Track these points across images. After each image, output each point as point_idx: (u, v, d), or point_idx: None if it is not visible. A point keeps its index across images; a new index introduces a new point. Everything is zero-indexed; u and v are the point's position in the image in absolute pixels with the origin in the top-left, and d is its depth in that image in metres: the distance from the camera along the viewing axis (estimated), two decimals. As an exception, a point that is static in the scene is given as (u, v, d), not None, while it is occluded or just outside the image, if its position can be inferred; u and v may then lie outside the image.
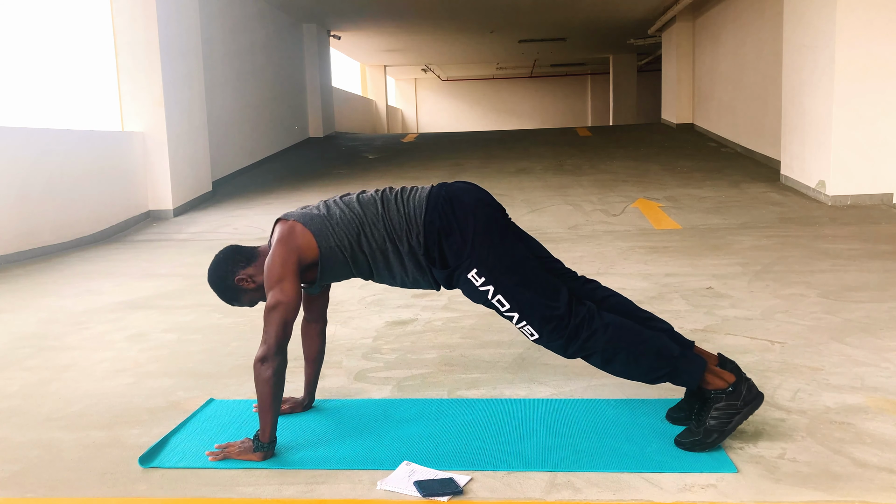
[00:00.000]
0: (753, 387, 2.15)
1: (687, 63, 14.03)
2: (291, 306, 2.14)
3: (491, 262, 2.17)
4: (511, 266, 2.19)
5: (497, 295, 2.18)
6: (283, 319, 2.12)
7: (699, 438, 2.10)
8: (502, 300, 2.18)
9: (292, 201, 8.62)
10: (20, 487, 2.07)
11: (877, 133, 7.07)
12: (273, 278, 2.16)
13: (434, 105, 29.91)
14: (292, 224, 2.24)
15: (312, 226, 2.24)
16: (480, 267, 2.17)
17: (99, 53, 7.86)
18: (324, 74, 14.82)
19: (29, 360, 3.33)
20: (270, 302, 2.14)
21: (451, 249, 2.20)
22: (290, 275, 2.17)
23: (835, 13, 6.92)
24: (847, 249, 5.31)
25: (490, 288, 2.18)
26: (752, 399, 2.12)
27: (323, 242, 2.23)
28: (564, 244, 6.01)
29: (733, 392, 2.12)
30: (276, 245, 2.20)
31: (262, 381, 2.11)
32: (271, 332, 2.12)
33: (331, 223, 2.25)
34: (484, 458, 2.11)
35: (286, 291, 2.14)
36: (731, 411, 2.10)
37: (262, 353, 2.12)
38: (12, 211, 6.09)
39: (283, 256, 2.18)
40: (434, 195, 2.25)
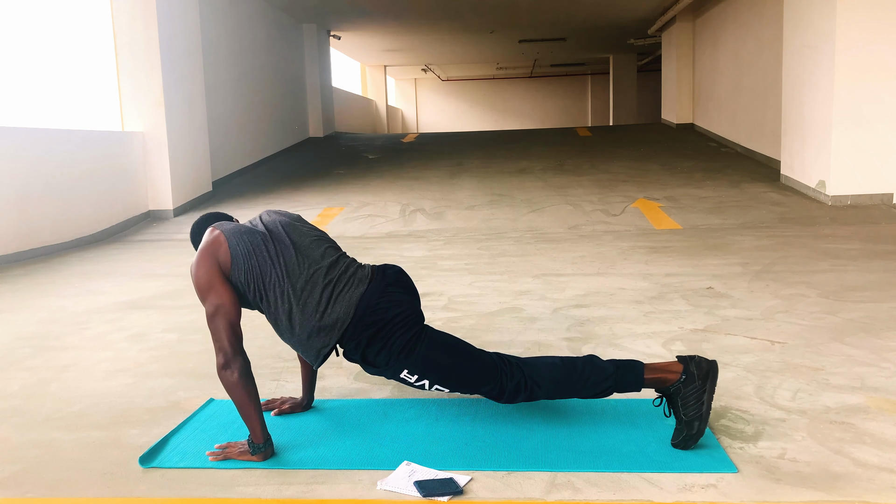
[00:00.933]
0: (701, 360, 2.20)
1: (687, 63, 14.03)
2: (230, 307, 2.16)
3: (420, 362, 2.22)
4: (441, 360, 2.24)
5: (435, 385, 2.26)
6: (227, 322, 2.14)
7: (686, 433, 2.14)
8: (441, 388, 2.27)
9: (292, 201, 8.63)
10: (20, 487, 2.07)
11: (877, 133, 7.07)
12: (203, 288, 2.19)
13: (434, 105, 29.90)
14: (219, 236, 2.25)
15: (234, 248, 2.22)
16: (412, 367, 2.23)
17: (99, 53, 7.86)
18: (324, 74, 14.82)
19: (29, 360, 3.33)
20: (209, 310, 2.16)
21: (379, 355, 2.22)
22: (217, 280, 2.19)
23: (835, 13, 6.92)
24: (847, 249, 5.31)
25: (425, 382, 2.25)
26: (706, 372, 2.17)
27: (234, 269, 2.22)
28: (564, 244, 6.01)
29: (686, 377, 2.16)
30: (198, 254, 2.24)
31: (232, 387, 2.12)
32: (222, 338, 2.13)
33: (254, 254, 2.22)
34: (484, 458, 2.11)
35: (220, 294, 2.17)
36: (696, 394, 2.14)
37: (222, 360, 2.12)
38: (12, 211, 6.09)
39: (205, 267, 2.20)
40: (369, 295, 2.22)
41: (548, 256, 5.51)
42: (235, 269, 2.21)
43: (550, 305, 3.97)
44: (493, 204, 8.07)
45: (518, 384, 2.23)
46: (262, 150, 11.75)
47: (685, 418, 2.13)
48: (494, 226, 7.09)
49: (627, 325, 3.53)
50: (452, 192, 8.80)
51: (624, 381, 2.23)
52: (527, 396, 2.25)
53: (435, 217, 7.58)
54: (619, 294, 4.20)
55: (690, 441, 2.12)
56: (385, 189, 9.24)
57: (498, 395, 2.26)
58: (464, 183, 9.43)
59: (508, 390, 2.24)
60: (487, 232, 6.83)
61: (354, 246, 6.14)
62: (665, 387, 2.20)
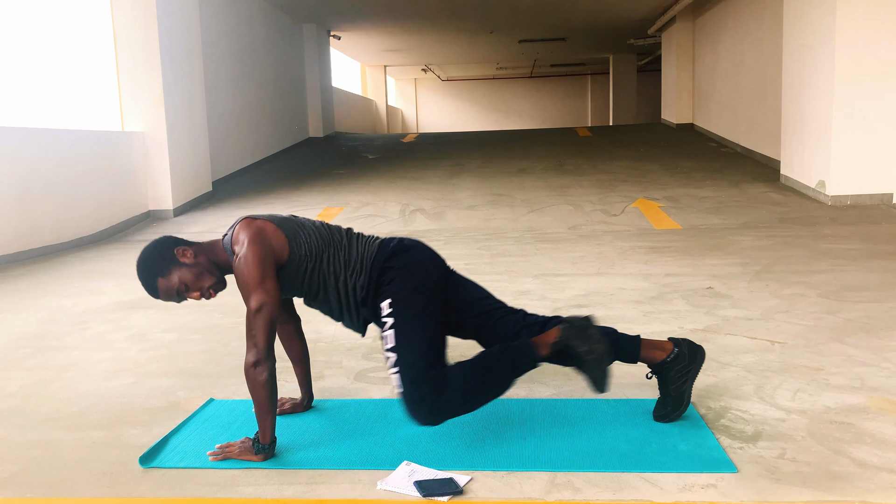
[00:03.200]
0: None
1: (687, 63, 14.03)
2: (276, 305, 2.13)
3: (403, 301, 2.22)
4: (417, 315, 2.21)
5: (390, 330, 2.20)
6: (269, 320, 2.11)
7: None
8: (390, 336, 2.19)
9: (292, 201, 8.63)
10: (20, 487, 2.07)
11: (877, 133, 7.07)
12: (254, 279, 2.11)
13: (434, 105, 29.90)
14: (263, 223, 2.22)
15: (285, 228, 2.23)
16: (393, 299, 2.22)
17: (99, 53, 7.86)
18: (324, 74, 14.81)
19: (29, 360, 3.33)
20: (254, 304, 2.10)
21: (383, 285, 2.25)
22: (270, 273, 2.14)
23: (835, 13, 6.92)
24: (847, 249, 5.31)
25: (389, 320, 2.21)
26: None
27: (294, 247, 2.22)
28: (564, 244, 6.01)
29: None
30: (249, 244, 2.14)
31: (259, 385, 2.09)
32: (260, 335, 2.09)
33: (303, 231, 2.26)
34: (484, 458, 2.11)
35: (269, 291, 2.12)
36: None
37: (254, 357, 2.09)
38: (12, 211, 6.09)
39: (260, 255, 2.13)
40: (386, 242, 2.34)
41: (548, 256, 5.51)
42: (294, 245, 2.21)
43: (550, 305, 3.97)
44: (492, 204, 8.07)
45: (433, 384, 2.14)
46: (262, 150, 11.75)
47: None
48: (494, 226, 7.09)
49: (627, 326, 3.52)
50: (452, 192, 8.80)
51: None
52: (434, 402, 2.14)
53: (435, 217, 7.58)
54: (618, 294, 4.20)
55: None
56: (385, 189, 9.24)
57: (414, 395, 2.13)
58: (464, 183, 9.43)
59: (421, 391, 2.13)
60: (487, 232, 6.83)
61: (354, 246, 6.13)
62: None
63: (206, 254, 2.24)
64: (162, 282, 2.18)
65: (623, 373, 2.79)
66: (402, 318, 2.20)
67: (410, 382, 2.14)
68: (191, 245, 2.25)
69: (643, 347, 2.31)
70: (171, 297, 2.22)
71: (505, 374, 2.24)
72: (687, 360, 2.27)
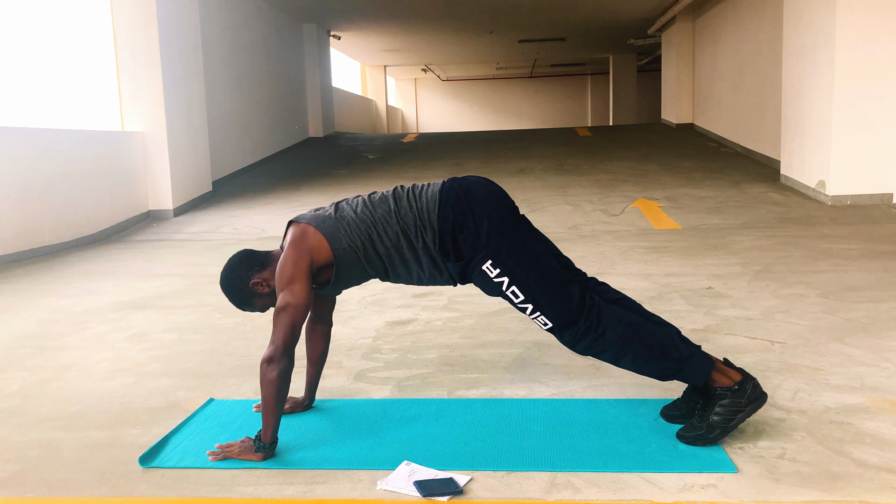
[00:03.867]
0: (758, 386, 2.17)
1: (687, 63, 14.03)
2: (301, 309, 2.14)
3: (505, 254, 2.19)
4: (525, 258, 2.20)
5: (511, 286, 2.19)
6: (291, 322, 2.12)
7: (702, 433, 2.12)
8: (517, 291, 2.19)
9: (292, 201, 8.63)
10: (20, 487, 2.07)
11: (876, 133, 7.07)
12: (284, 280, 2.16)
13: (434, 105, 29.90)
14: (304, 226, 2.24)
15: (324, 228, 2.24)
16: (495, 258, 2.18)
17: (99, 53, 7.86)
18: (324, 74, 14.81)
19: (29, 360, 3.33)
20: (280, 304, 2.13)
21: (466, 242, 2.20)
22: (301, 277, 2.16)
23: (835, 13, 6.92)
24: (847, 249, 5.30)
25: (505, 279, 2.19)
26: (756, 398, 2.14)
27: (335, 244, 2.23)
28: (564, 244, 5.98)
29: (738, 390, 2.14)
30: (288, 247, 2.21)
31: (267, 382, 2.11)
32: (279, 334, 2.12)
33: (343, 224, 2.25)
34: (484, 458, 2.11)
35: (296, 294, 2.14)
36: (734, 408, 2.12)
37: (269, 354, 2.11)
38: (12, 211, 6.08)
39: (294, 258, 2.17)
40: (447, 189, 2.26)
41: (548, 256, 5.50)
42: (335, 242, 2.22)
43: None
44: (493, 204, 8.05)
45: (590, 323, 2.17)
46: (262, 150, 11.75)
47: (710, 421, 2.12)
48: (494, 226, 7.07)
49: (627, 325, 3.52)
50: (452, 192, 8.79)
51: (689, 371, 2.18)
52: (593, 341, 2.18)
53: (435, 217, 7.57)
54: (619, 294, 4.19)
55: (699, 441, 2.12)
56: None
57: (568, 322, 2.18)
58: (464, 183, 9.41)
59: (580, 325, 2.17)
60: (487, 232, 6.82)
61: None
62: (713, 386, 2.17)
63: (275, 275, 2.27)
64: (250, 308, 2.35)
65: (623, 372, 2.80)
66: (516, 271, 2.18)
67: (561, 317, 2.18)
68: (264, 267, 2.28)
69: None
70: (261, 311, 2.38)
71: (662, 367, 2.19)
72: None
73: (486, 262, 2.19)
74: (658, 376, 2.24)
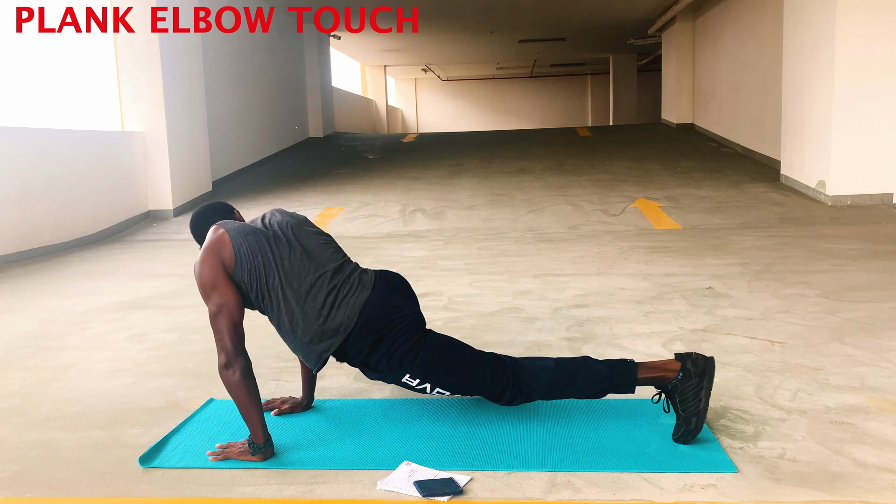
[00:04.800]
0: (698, 357, 2.23)
1: (687, 63, 14.03)
2: (233, 306, 2.16)
3: (420, 366, 2.25)
4: (441, 363, 2.28)
5: (436, 388, 2.29)
6: (230, 322, 2.14)
7: (685, 428, 2.17)
8: (441, 390, 2.31)
9: (292, 201, 8.63)
10: (20, 487, 2.07)
11: (877, 133, 7.07)
12: (207, 285, 2.18)
13: (434, 105, 29.90)
14: (223, 235, 2.23)
15: (239, 247, 2.21)
16: (413, 371, 2.26)
17: (99, 53, 7.86)
18: (324, 74, 14.81)
19: (29, 360, 3.33)
20: (212, 309, 2.16)
21: (380, 361, 2.25)
22: (221, 278, 2.18)
23: (835, 14, 6.92)
24: (847, 249, 5.30)
25: (427, 385, 2.29)
26: (704, 369, 2.20)
27: (238, 268, 2.20)
28: (564, 244, 6.01)
29: (683, 375, 2.21)
30: (202, 252, 2.22)
31: (233, 387, 2.12)
32: (224, 337, 2.13)
33: (258, 253, 2.22)
34: (484, 458, 2.11)
35: (223, 294, 2.16)
36: (693, 391, 2.18)
37: (224, 359, 2.12)
38: (12, 211, 6.09)
39: (209, 265, 2.19)
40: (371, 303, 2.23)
41: (548, 256, 5.51)
42: (239, 269, 2.21)
43: (550, 305, 3.97)
44: (492, 204, 8.07)
45: (515, 389, 2.29)
46: (262, 150, 11.75)
47: (683, 414, 2.18)
48: (494, 226, 7.09)
49: (627, 326, 3.53)
50: (452, 192, 8.80)
51: (617, 382, 2.29)
52: (523, 399, 2.32)
53: (435, 217, 7.58)
54: (619, 294, 4.20)
55: (689, 436, 2.16)
56: (385, 189, 9.24)
57: (497, 397, 2.32)
58: (464, 183, 9.43)
59: (506, 394, 2.30)
60: (487, 232, 6.83)
61: (355, 246, 6.14)
62: (663, 384, 2.24)
63: None
64: None
65: (623, 373, 2.80)
66: (435, 376, 2.27)
67: (491, 392, 2.31)
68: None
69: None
70: None
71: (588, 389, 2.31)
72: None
73: (405, 376, 2.27)
74: (594, 397, 2.33)
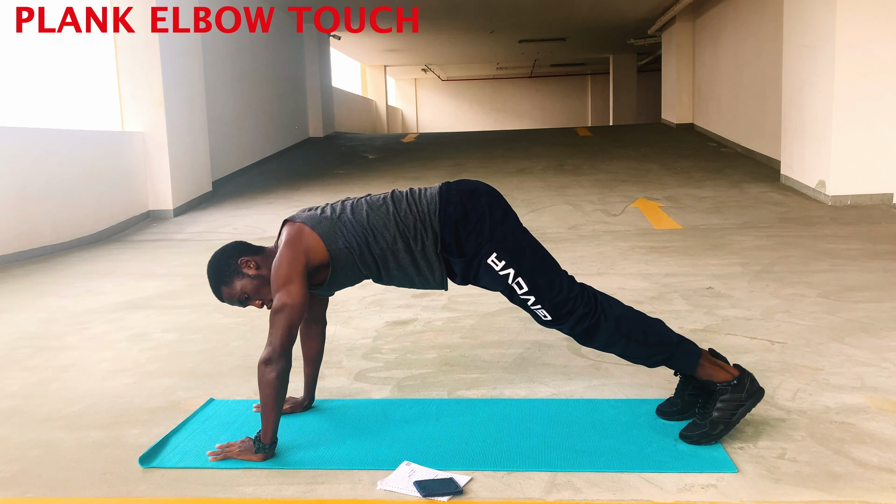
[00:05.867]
0: (755, 380, 2.21)
1: (687, 63, 14.03)
2: (297, 309, 2.14)
3: (509, 247, 2.25)
4: (527, 251, 2.28)
5: (518, 278, 2.24)
6: (288, 322, 2.12)
7: (706, 430, 2.14)
8: (521, 283, 2.25)
9: (292, 201, 8.63)
10: (20, 487, 2.07)
11: (877, 133, 7.07)
12: (280, 280, 2.15)
13: (434, 105, 29.90)
14: (300, 226, 2.24)
15: (320, 228, 2.24)
16: (500, 251, 2.24)
17: (99, 53, 7.86)
18: (324, 74, 14.81)
19: (29, 360, 3.33)
20: (277, 304, 2.14)
21: (469, 239, 2.24)
22: (297, 277, 2.16)
23: (835, 13, 6.92)
24: (847, 249, 5.30)
25: (510, 271, 2.24)
26: (754, 391, 2.18)
27: (331, 245, 2.23)
28: (564, 244, 6.01)
29: (738, 384, 2.18)
30: (283, 247, 2.20)
31: (265, 383, 2.11)
32: (276, 335, 2.12)
33: (339, 225, 2.25)
34: (484, 458, 2.11)
35: (293, 294, 2.14)
36: (736, 403, 2.15)
37: (267, 354, 2.12)
38: (12, 211, 6.09)
39: (290, 258, 2.17)
40: (445, 190, 2.30)
41: (548, 256, 5.50)
42: (331, 243, 2.22)
43: (550, 305, 3.97)
44: (493, 204, 8.05)
45: (588, 309, 2.24)
46: (262, 150, 11.75)
47: (713, 417, 2.14)
48: (494, 226, 7.07)
49: (627, 325, 3.52)
50: (452, 192, 8.79)
51: (683, 352, 2.24)
52: (590, 325, 2.24)
53: (435, 217, 7.57)
54: (619, 294, 4.20)
55: (704, 440, 2.14)
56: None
57: (569, 312, 2.24)
58: (464, 183, 9.41)
59: (578, 311, 2.24)
60: (487, 232, 6.82)
61: (354, 246, 6.13)
62: (712, 381, 2.20)
63: (268, 264, 2.27)
64: (226, 290, 2.27)
65: (623, 372, 2.80)
66: (521, 262, 2.24)
67: (562, 306, 2.24)
68: (257, 253, 2.29)
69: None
70: (233, 302, 2.29)
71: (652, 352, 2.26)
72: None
73: (491, 256, 2.24)
74: (647, 363, 2.29)
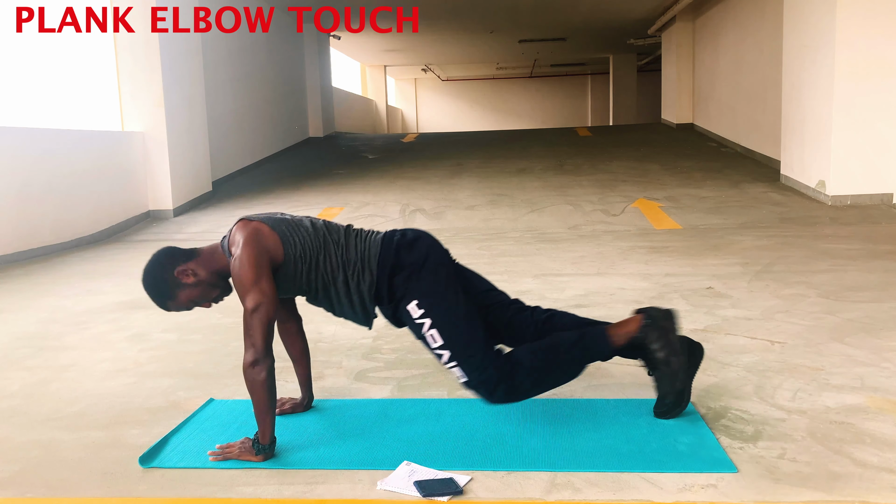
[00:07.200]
0: (655, 308, 2.29)
1: (687, 63, 14.03)
2: (271, 305, 2.14)
3: (431, 297, 2.25)
4: (451, 306, 2.27)
5: (432, 329, 2.25)
6: (266, 319, 2.12)
7: (667, 375, 2.24)
8: (435, 335, 2.25)
9: (292, 201, 8.63)
10: (20, 487, 2.07)
11: (877, 133, 7.07)
12: (248, 280, 2.13)
13: (434, 105, 29.90)
14: (258, 224, 2.23)
15: (279, 229, 2.24)
16: (421, 299, 2.25)
17: (99, 53, 7.86)
18: (324, 74, 14.81)
19: (29, 360, 3.33)
20: (250, 304, 2.12)
21: (398, 284, 2.27)
22: (264, 274, 2.16)
23: (835, 13, 6.92)
24: (847, 249, 5.30)
25: (426, 321, 2.25)
26: (665, 314, 2.27)
27: (288, 249, 2.23)
28: (564, 244, 6.01)
29: (649, 324, 2.26)
30: (244, 246, 2.17)
31: (257, 385, 2.10)
32: (256, 335, 2.11)
33: (298, 232, 2.26)
34: (484, 458, 2.11)
35: (264, 290, 2.13)
36: (661, 335, 2.24)
37: (252, 357, 2.10)
38: (12, 211, 6.08)
39: (254, 256, 2.15)
40: (389, 238, 2.34)
41: (548, 256, 5.51)
42: (289, 247, 2.22)
43: (550, 305, 3.96)
44: (493, 204, 8.07)
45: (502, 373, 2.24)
46: (262, 150, 11.75)
47: (659, 359, 2.23)
48: (494, 226, 7.09)
49: (627, 325, 3.52)
50: (452, 192, 8.80)
51: (591, 345, 2.30)
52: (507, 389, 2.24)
53: (435, 217, 7.58)
54: (619, 294, 4.20)
55: (678, 383, 2.23)
56: (385, 189, 9.24)
57: (484, 379, 2.23)
58: (464, 183, 9.43)
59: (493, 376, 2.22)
60: (487, 232, 6.83)
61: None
62: (634, 338, 2.27)
63: (207, 266, 2.26)
64: (172, 304, 2.28)
65: (623, 372, 2.80)
66: (439, 314, 2.24)
67: (476, 370, 2.23)
68: (190, 258, 2.27)
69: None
70: (181, 309, 2.31)
71: (574, 363, 2.31)
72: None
73: (411, 302, 2.26)
74: (575, 372, 2.35)
